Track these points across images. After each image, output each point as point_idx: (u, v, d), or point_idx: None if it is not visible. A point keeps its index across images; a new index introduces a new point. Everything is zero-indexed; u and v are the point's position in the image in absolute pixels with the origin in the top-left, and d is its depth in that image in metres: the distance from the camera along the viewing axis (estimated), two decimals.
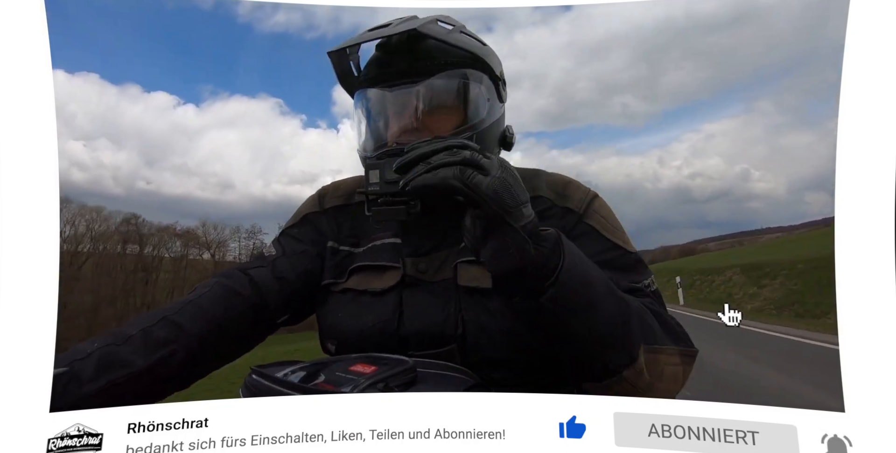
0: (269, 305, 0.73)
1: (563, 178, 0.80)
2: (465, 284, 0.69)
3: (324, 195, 0.84)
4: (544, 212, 0.74)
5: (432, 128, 0.71)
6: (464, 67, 0.73)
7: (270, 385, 0.58)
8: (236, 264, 0.80)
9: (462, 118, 0.72)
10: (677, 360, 0.64)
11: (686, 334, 0.67)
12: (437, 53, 0.72)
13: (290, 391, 0.59)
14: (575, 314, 0.57)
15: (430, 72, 0.71)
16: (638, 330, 0.60)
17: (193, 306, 0.69)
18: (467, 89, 0.73)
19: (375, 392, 0.56)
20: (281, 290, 0.74)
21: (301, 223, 0.82)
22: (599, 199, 0.77)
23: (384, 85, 0.72)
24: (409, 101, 0.71)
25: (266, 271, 0.75)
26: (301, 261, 0.77)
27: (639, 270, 0.72)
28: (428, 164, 0.54)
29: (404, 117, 0.71)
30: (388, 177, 0.63)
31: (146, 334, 0.64)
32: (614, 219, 0.76)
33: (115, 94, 14.78)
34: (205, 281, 0.74)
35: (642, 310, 0.63)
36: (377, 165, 0.64)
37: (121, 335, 0.64)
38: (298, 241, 0.79)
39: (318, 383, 0.60)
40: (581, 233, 0.73)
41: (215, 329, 0.68)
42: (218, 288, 0.72)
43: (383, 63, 0.73)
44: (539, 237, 0.56)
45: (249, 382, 0.60)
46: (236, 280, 0.73)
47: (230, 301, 0.71)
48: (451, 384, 0.60)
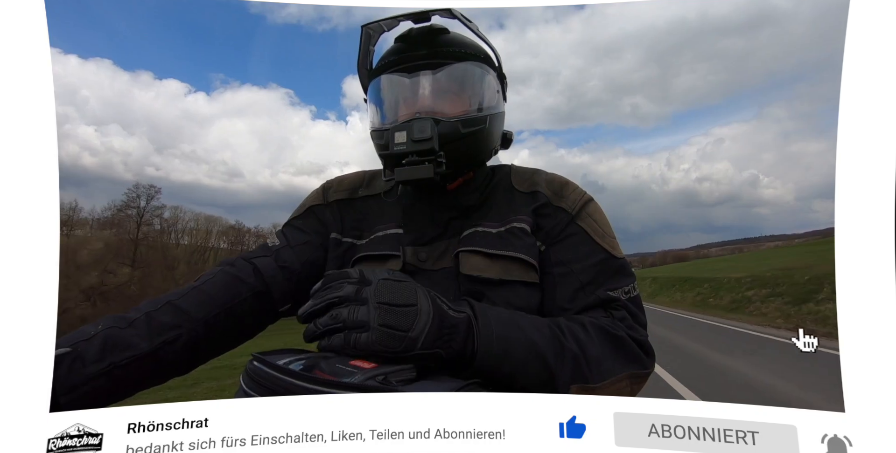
0: (272, 294, 0.74)
1: (560, 178, 0.82)
2: (467, 273, 0.71)
3: (328, 188, 0.86)
4: (540, 208, 0.76)
5: (453, 106, 0.74)
6: (479, 60, 0.77)
7: (271, 372, 0.58)
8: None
9: (477, 102, 0.76)
10: (623, 384, 0.66)
11: (644, 350, 0.69)
12: (456, 43, 0.76)
13: (290, 378, 0.58)
14: (499, 380, 0.61)
15: (454, 57, 0.75)
16: (571, 373, 0.63)
17: (198, 292, 0.70)
18: (483, 77, 0.77)
19: (375, 384, 0.55)
20: (284, 279, 0.75)
21: (305, 215, 0.84)
22: (594, 203, 0.79)
23: (408, 67, 0.75)
24: (434, 81, 0.74)
25: (270, 260, 0.76)
26: (305, 252, 0.79)
27: (621, 276, 0.73)
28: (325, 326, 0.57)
29: (428, 96, 0.73)
30: (416, 135, 0.67)
31: (150, 318, 0.65)
32: (606, 223, 0.78)
33: (127, 81, 14.67)
34: (210, 269, 0.75)
35: (583, 347, 0.64)
36: (404, 127, 0.69)
37: (125, 319, 0.64)
38: (303, 232, 0.81)
39: (318, 373, 0.60)
40: (571, 234, 0.75)
41: (219, 315, 0.69)
42: (222, 275, 0.73)
43: (407, 49, 0.76)
44: (446, 338, 0.58)
45: (250, 368, 0.60)
46: (240, 268, 0.74)
47: (234, 288, 0.72)
48: (449, 380, 0.60)
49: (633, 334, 0.68)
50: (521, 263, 0.72)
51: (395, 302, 0.56)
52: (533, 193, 0.78)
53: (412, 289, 0.58)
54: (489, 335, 0.60)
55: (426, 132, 0.68)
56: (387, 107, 0.77)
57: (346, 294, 0.56)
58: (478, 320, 0.60)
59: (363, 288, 0.56)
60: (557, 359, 0.62)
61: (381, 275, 0.59)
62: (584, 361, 0.63)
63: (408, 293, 0.57)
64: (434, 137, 0.68)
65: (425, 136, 0.68)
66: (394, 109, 0.76)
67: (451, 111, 0.73)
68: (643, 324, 0.72)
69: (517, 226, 0.74)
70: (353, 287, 0.56)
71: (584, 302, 0.71)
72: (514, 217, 0.76)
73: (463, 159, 0.74)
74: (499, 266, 0.71)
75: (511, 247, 0.72)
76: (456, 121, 0.72)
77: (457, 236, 0.75)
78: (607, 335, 0.67)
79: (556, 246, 0.75)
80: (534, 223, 0.75)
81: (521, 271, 0.71)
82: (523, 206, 0.77)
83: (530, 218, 0.76)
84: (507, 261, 0.71)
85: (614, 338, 0.67)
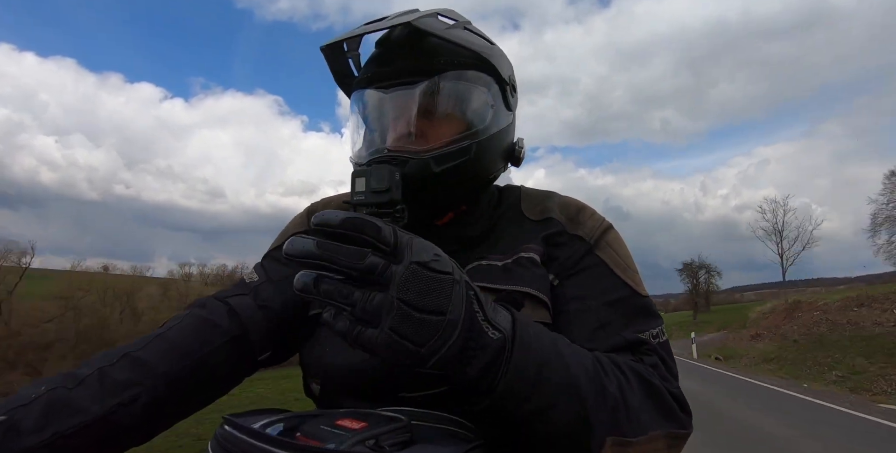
0: (250, 339, 0.65)
1: (576, 203, 0.74)
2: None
3: (312, 213, 0.77)
4: (554, 236, 0.69)
5: (428, 135, 0.65)
6: (466, 68, 0.67)
7: (245, 438, 0.51)
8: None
9: (462, 125, 0.66)
10: (661, 445, 0.55)
11: (681, 407, 0.59)
12: (438, 51, 0.66)
13: (266, 445, 0.51)
14: (519, 422, 0.50)
15: (428, 72, 0.65)
16: (609, 421, 0.52)
17: (161, 340, 0.61)
18: (469, 92, 0.67)
19: (365, 449, 0.49)
20: (264, 321, 0.66)
21: None
22: (613, 231, 0.71)
23: (379, 85, 0.66)
24: (403, 104, 0.65)
25: (248, 299, 0.67)
26: (287, 288, 0.69)
27: (647, 317, 0.65)
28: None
29: (398, 122, 0.65)
30: (374, 186, 0.59)
31: (104, 375, 0.56)
32: (627, 254, 0.70)
33: (94, 84, 14.07)
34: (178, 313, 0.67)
35: (624, 392, 0.54)
36: (363, 173, 0.60)
37: (74, 376, 0.56)
38: (284, 265, 0.71)
39: (300, 437, 0.53)
40: (589, 266, 0.67)
41: (187, 367, 0.60)
42: (191, 319, 0.64)
43: (379, 61, 0.67)
44: (465, 360, 0.46)
45: (221, 434, 0.53)
46: (213, 309, 0.65)
47: (205, 334, 0.63)
48: (449, 444, 0.53)
49: (668, 386, 0.59)
50: (528, 300, 0.63)
51: (421, 305, 0.43)
52: (545, 220, 0.71)
53: (448, 289, 0.44)
54: (522, 363, 0.48)
55: (383, 182, 0.59)
56: (357, 131, 0.70)
57: (367, 266, 0.42)
58: (514, 344, 0.48)
59: (390, 267, 0.43)
60: (597, 402, 0.51)
61: (417, 254, 0.44)
62: (623, 409, 0.53)
63: (441, 294, 0.44)
64: (393, 187, 0.59)
65: (382, 188, 0.58)
66: (364, 137, 0.69)
67: (423, 144, 0.64)
68: (675, 376, 0.63)
69: (524, 255, 0.66)
70: (378, 260, 0.42)
71: (606, 343, 0.61)
72: (522, 246, 0.67)
73: (443, 200, 0.66)
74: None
75: (518, 281, 0.64)
76: (428, 158, 0.63)
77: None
78: (644, 382, 0.57)
79: (572, 279, 0.66)
80: (545, 253, 0.67)
81: (528, 310, 0.63)
82: (533, 236, 0.69)
83: (541, 247, 0.67)
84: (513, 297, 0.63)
85: (651, 387, 0.57)
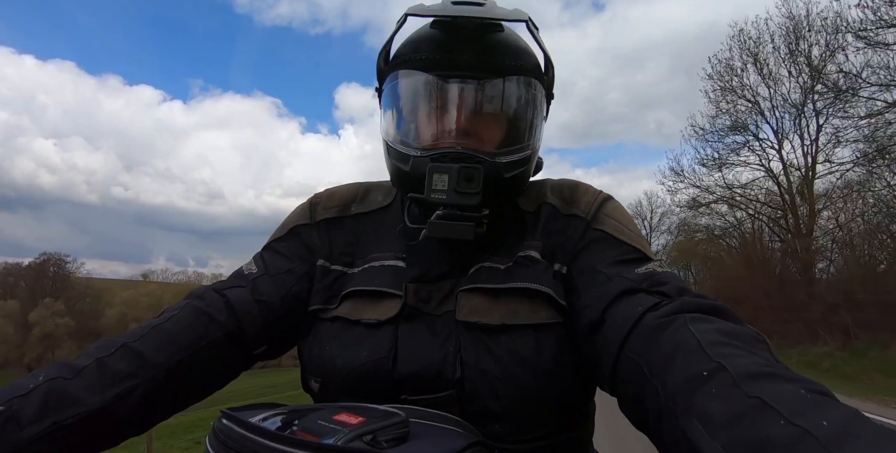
0: (246, 333, 0.64)
1: (569, 182, 0.72)
2: (463, 319, 0.60)
3: (316, 204, 0.75)
4: (549, 224, 0.66)
5: (494, 138, 0.63)
6: (531, 75, 0.65)
7: (242, 431, 0.50)
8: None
9: (524, 132, 0.65)
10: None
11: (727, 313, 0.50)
12: (511, 51, 0.64)
13: (264, 440, 0.51)
14: None
15: (497, 71, 0.63)
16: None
17: (158, 332, 0.60)
18: (534, 100, 0.65)
19: (361, 446, 0.48)
20: (261, 315, 0.65)
21: (288, 236, 0.72)
22: (612, 202, 0.68)
23: (442, 73, 0.63)
24: (471, 99, 0.62)
25: (245, 292, 0.66)
26: (286, 282, 0.68)
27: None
28: None
29: (467, 118, 0.63)
30: (460, 186, 0.57)
31: (102, 365, 0.55)
32: (630, 221, 0.67)
33: (93, 86, 14.17)
34: (176, 302, 0.65)
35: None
36: (446, 169, 0.58)
37: (72, 367, 0.55)
38: (284, 258, 0.70)
39: (297, 432, 0.53)
40: (592, 241, 0.64)
41: (183, 361, 0.59)
42: (188, 310, 0.63)
43: (446, 48, 0.63)
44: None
45: (218, 427, 0.53)
46: (210, 302, 0.64)
47: (202, 327, 0.62)
48: (447, 440, 0.52)
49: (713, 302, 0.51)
50: (530, 300, 0.61)
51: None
52: (539, 208, 0.68)
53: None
54: None
55: (475, 185, 0.57)
56: (411, 115, 0.65)
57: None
58: None
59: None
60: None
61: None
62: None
63: None
64: (481, 191, 0.58)
65: (473, 189, 0.56)
66: (425, 125, 0.65)
67: (489, 146, 0.62)
68: (691, 288, 0.55)
69: (522, 254, 0.64)
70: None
71: (617, 287, 0.56)
72: (522, 244, 0.65)
73: (493, 205, 0.63)
74: (503, 307, 0.60)
75: (519, 279, 0.62)
76: (501, 163, 0.62)
77: (465, 273, 0.64)
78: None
79: (579, 258, 0.64)
80: (544, 245, 0.65)
81: (530, 312, 0.60)
82: (532, 229, 0.67)
83: (539, 241, 0.65)
84: (514, 298, 0.61)
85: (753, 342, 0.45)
